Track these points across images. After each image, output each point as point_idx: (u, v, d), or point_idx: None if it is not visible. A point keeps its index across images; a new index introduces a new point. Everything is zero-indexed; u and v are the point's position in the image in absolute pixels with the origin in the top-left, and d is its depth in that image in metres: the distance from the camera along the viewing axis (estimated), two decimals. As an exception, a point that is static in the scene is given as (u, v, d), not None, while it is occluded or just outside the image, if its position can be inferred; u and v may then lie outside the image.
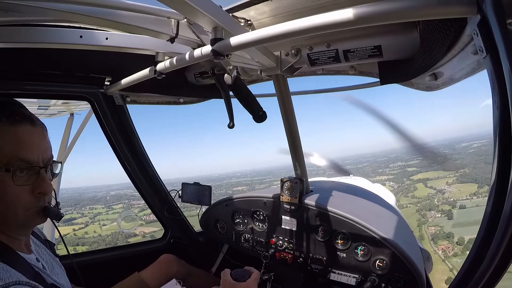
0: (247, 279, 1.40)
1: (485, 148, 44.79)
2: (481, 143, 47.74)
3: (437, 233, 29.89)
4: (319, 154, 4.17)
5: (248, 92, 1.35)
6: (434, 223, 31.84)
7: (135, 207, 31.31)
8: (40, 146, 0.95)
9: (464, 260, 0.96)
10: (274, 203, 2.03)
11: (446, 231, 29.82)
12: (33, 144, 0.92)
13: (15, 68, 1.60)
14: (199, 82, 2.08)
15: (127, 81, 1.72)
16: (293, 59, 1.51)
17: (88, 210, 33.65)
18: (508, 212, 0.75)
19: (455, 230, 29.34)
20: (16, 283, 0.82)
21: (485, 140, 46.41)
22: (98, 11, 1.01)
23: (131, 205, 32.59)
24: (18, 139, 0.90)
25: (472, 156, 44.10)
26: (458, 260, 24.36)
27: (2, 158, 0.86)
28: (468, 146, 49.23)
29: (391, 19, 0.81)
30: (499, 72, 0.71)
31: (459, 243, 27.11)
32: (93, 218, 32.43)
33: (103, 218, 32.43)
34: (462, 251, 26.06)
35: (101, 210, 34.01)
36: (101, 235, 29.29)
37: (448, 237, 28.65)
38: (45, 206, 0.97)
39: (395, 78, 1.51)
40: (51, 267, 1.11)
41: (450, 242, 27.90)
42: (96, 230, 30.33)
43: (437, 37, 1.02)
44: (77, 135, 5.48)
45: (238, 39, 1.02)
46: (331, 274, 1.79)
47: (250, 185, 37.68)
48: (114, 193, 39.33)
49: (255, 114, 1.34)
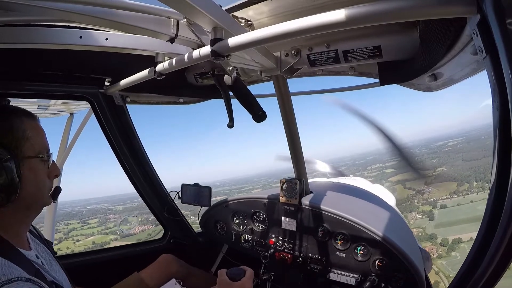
0: (242, 277, 1.42)
1: (460, 146, 44.86)
2: (457, 141, 47.93)
3: (419, 235, 29.00)
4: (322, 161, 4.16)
5: (248, 93, 1.35)
6: (416, 225, 31.10)
7: (110, 221, 31.32)
8: (45, 137, 1.10)
9: (448, 261, 0.96)
10: (274, 204, 2.03)
11: (428, 233, 29.14)
12: (44, 135, 1.09)
13: (15, 68, 1.60)
14: (199, 83, 2.08)
15: (127, 82, 1.72)
16: (293, 59, 1.51)
17: (63, 225, 32.33)
18: (508, 212, 0.75)
19: (437, 231, 28.84)
20: (18, 279, 0.83)
21: (460, 138, 46.48)
22: (97, 11, 1.01)
23: (107, 219, 32.35)
24: (40, 131, 1.07)
25: (448, 154, 43.94)
26: (443, 262, 23.72)
27: (35, 148, 1.02)
28: (444, 144, 49.28)
29: (390, 19, 0.81)
30: (498, 72, 0.71)
31: (443, 244, 26.50)
32: (67, 234, 31.51)
33: (78, 234, 31.67)
34: (447, 252, 25.51)
35: (76, 225, 33.12)
36: (74, 251, 28.57)
37: (431, 239, 27.95)
38: (57, 186, 1.15)
39: (395, 79, 1.51)
40: (49, 264, 1.12)
41: (433, 243, 27.17)
42: (70, 246, 29.39)
43: (436, 37, 1.03)
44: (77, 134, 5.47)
45: (237, 40, 1.02)
46: (331, 274, 1.79)
47: (228, 195, 36.10)
48: (91, 207, 38.38)
49: (254, 114, 1.34)
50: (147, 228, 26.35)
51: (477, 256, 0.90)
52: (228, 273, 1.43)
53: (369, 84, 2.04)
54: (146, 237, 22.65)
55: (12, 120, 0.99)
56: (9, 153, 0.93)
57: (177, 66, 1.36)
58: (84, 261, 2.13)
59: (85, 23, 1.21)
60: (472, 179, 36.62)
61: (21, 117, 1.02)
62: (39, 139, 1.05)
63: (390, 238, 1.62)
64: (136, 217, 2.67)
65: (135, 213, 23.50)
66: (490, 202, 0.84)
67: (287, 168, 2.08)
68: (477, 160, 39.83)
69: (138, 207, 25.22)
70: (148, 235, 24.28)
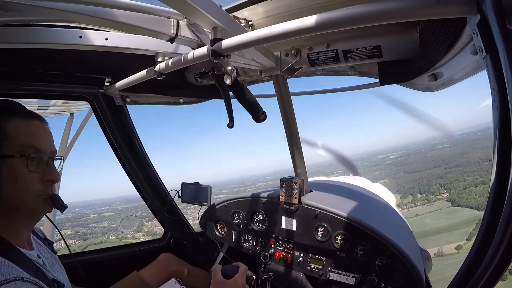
0: (235, 274, 1.45)
1: (401, 159, 45.49)
2: (398, 154, 48.73)
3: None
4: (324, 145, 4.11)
5: (247, 93, 1.36)
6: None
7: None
8: (49, 140, 1.06)
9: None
10: (274, 203, 2.03)
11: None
12: (43, 136, 1.03)
13: (15, 68, 1.60)
14: (199, 83, 2.08)
15: (127, 82, 1.72)
16: (293, 59, 1.51)
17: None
18: (508, 212, 0.75)
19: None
20: (17, 279, 0.83)
21: (401, 152, 47.03)
22: (97, 11, 1.01)
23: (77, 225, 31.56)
24: (31, 130, 1.00)
25: (390, 167, 44.35)
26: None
27: (17, 146, 0.95)
28: (385, 158, 50.46)
29: (390, 19, 0.81)
30: (498, 72, 0.71)
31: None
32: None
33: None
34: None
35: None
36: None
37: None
38: (53, 193, 1.05)
39: (395, 79, 1.52)
40: (51, 264, 1.12)
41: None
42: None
43: (436, 37, 1.03)
44: (77, 135, 5.48)
45: (237, 39, 1.02)
46: (331, 273, 1.78)
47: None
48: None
49: (254, 114, 1.35)
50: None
51: (477, 256, 0.90)
52: (223, 271, 1.47)
53: (369, 84, 2.04)
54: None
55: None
56: None
57: (177, 65, 1.36)
58: (84, 261, 2.13)
59: (85, 23, 1.21)
60: (416, 191, 36.99)
61: (9, 116, 0.97)
62: (24, 138, 0.97)
63: (390, 237, 1.62)
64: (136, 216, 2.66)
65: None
66: (490, 202, 0.84)
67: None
68: (419, 172, 40.47)
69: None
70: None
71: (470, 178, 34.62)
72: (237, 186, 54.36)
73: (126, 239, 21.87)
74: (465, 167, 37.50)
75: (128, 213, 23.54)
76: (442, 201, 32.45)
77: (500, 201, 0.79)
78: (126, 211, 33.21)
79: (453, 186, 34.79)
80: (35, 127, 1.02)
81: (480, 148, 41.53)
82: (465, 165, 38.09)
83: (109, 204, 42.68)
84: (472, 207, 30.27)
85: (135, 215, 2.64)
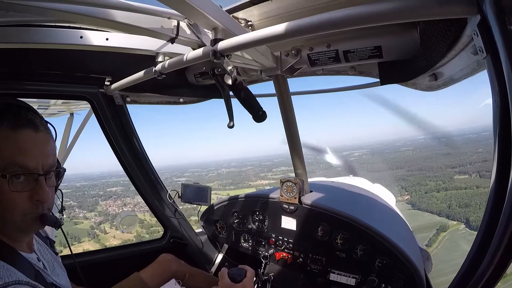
0: (243, 278, 1.41)
1: (365, 157, 45.86)
2: (362, 152, 49.09)
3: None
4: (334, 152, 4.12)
5: (248, 92, 1.35)
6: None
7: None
8: (42, 153, 0.93)
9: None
10: (274, 203, 2.03)
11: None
12: (33, 150, 0.91)
13: (15, 68, 1.60)
14: (199, 82, 2.08)
15: (127, 81, 1.72)
16: (293, 59, 1.51)
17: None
18: (508, 212, 0.76)
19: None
20: (16, 283, 0.82)
21: (365, 150, 47.28)
22: (98, 12, 1.01)
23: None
24: (18, 144, 0.88)
25: (354, 165, 44.93)
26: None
27: (0, 163, 0.85)
28: (349, 154, 50.41)
29: (391, 19, 0.81)
30: (499, 72, 0.71)
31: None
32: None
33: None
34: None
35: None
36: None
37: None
38: (43, 213, 0.94)
39: (395, 79, 1.52)
40: (52, 267, 1.10)
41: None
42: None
43: (437, 38, 1.03)
44: (77, 135, 5.47)
45: (238, 40, 1.02)
46: (331, 274, 1.78)
47: (126, 186, 33.33)
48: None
49: (255, 114, 1.34)
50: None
51: (477, 256, 0.90)
52: (229, 274, 1.42)
53: (370, 83, 2.04)
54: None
55: None
56: None
57: (177, 65, 1.36)
58: (84, 261, 2.13)
59: (86, 24, 1.21)
60: (377, 190, 36.86)
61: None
62: (8, 154, 0.86)
63: (390, 238, 1.62)
64: (136, 216, 2.66)
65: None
66: (490, 202, 0.84)
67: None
68: (380, 172, 40.27)
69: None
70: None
71: (432, 183, 34.35)
72: (199, 171, 54.55)
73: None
74: (427, 172, 37.36)
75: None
76: (403, 203, 32.13)
77: (500, 201, 0.79)
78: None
79: (414, 190, 34.53)
80: (25, 139, 0.89)
81: (443, 154, 41.53)
82: (428, 169, 37.93)
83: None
84: (433, 212, 29.92)
85: (135, 215, 2.64)
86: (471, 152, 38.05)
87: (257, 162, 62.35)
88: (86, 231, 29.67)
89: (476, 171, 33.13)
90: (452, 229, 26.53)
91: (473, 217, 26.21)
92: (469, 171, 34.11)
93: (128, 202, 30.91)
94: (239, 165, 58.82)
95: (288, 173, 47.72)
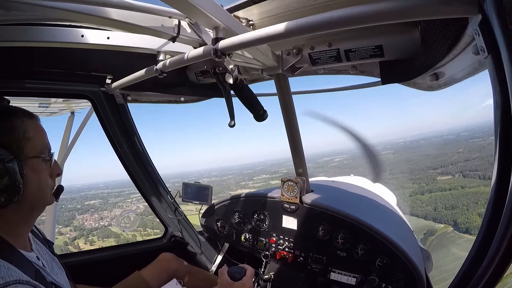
0: (243, 276, 1.41)
1: (346, 162, 45.17)
2: (343, 157, 48.90)
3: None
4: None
5: (249, 91, 1.35)
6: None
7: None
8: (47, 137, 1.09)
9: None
10: (275, 203, 2.03)
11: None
12: (46, 135, 1.08)
13: (16, 66, 1.60)
14: (200, 81, 2.08)
15: (128, 80, 1.72)
16: (294, 58, 1.51)
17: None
18: (508, 212, 0.75)
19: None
20: (17, 282, 0.82)
21: (346, 155, 47.43)
22: (99, 11, 1.01)
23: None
24: (41, 131, 1.05)
25: (335, 170, 43.78)
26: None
27: (37, 148, 1.01)
28: (331, 160, 50.59)
29: (392, 18, 0.81)
30: (500, 72, 0.71)
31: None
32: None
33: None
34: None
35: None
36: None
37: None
38: (59, 185, 1.14)
39: (396, 78, 1.51)
40: (50, 266, 1.11)
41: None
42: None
43: (438, 37, 1.02)
44: (78, 133, 5.48)
45: (239, 39, 1.02)
46: (331, 273, 1.79)
47: (105, 199, 34.00)
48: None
49: (256, 113, 1.34)
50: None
51: (477, 256, 0.90)
52: (229, 272, 1.42)
53: (370, 83, 2.03)
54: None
55: (13, 121, 0.98)
56: (11, 154, 0.93)
57: (178, 64, 1.36)
58: (84, 260, 2.14)
59: (87, 22, 1.21)
60: (360, 196, 36.33)
61: (21, 117, 1.01)
62: (40, 139, 1.03)
63: (391, 237, 1.62)
64: (137, 215, 2.67)
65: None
66: (490, 202, 0.84)
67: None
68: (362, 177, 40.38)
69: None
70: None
71: (415, 185, 33.35)
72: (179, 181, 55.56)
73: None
74: (409, 174, 36.67)
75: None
76: (387, 207, 31.72)
77: (500, 200, 0.79)
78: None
79: (398, 193, 34.09)
80: (41, 127, 1.08)
81: (425, 156, 41.22)
82: (410, 171, 37.10)
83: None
84: (418, 216, 28.58)
85: (135, 214, 2.65)
86: (452, 152, 37.52)
87: (239, 170, 61.57)
88: (59, 247, 29.23)
89: (459, 171, 32.26)
90: (440, 232, 25.40)
91: (461, 219, 25.31)
92: (451, 172, 33.24)
93: (106, 215, 30.43)
94: (220, 174, 57.72)
95: (269, 180, 46.52)
